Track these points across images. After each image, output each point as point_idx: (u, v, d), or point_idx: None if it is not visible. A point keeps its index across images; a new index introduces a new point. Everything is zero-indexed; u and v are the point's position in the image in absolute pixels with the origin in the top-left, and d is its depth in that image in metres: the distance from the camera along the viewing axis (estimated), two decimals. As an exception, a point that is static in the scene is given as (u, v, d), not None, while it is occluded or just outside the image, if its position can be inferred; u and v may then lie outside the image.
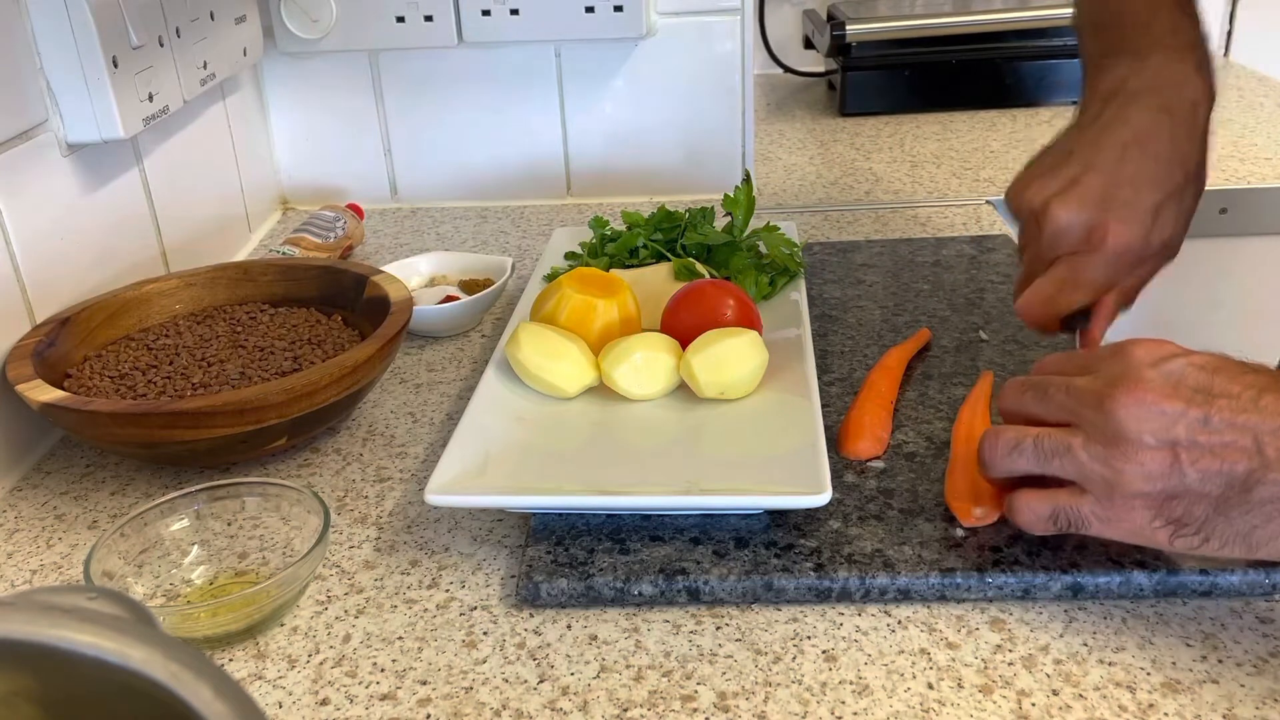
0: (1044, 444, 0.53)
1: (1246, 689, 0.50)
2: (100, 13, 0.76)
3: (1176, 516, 0.50)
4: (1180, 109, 0.66)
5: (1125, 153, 0.65)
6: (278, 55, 1.14)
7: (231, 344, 0.77)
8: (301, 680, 0.54)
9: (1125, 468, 0.50)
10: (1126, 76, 0.68)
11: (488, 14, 1.08)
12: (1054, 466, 0.53)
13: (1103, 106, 0.68)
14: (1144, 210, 0.65)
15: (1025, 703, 0.50)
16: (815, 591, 0.56)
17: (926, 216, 1.09)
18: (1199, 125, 0.67)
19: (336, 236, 1.02)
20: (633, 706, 0.51)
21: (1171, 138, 0.66)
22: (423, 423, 0.77)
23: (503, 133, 1.17)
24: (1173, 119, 0.66)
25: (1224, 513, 0.49)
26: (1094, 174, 0.66)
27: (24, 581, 0.62)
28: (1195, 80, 0.67)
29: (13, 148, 0.73)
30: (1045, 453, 0.53)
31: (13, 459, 0.73)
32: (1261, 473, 0.47)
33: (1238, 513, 0.49)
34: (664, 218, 0.90)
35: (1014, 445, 0.54)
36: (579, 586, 0.57)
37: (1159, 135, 0.66)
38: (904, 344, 0.77)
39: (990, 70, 1.45)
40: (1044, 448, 0.53)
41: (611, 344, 0.71)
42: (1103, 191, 0.65)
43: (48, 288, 0.77)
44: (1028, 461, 0.54)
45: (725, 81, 1.13)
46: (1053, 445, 0.53)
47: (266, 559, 0.61)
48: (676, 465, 0.64)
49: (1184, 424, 0.49)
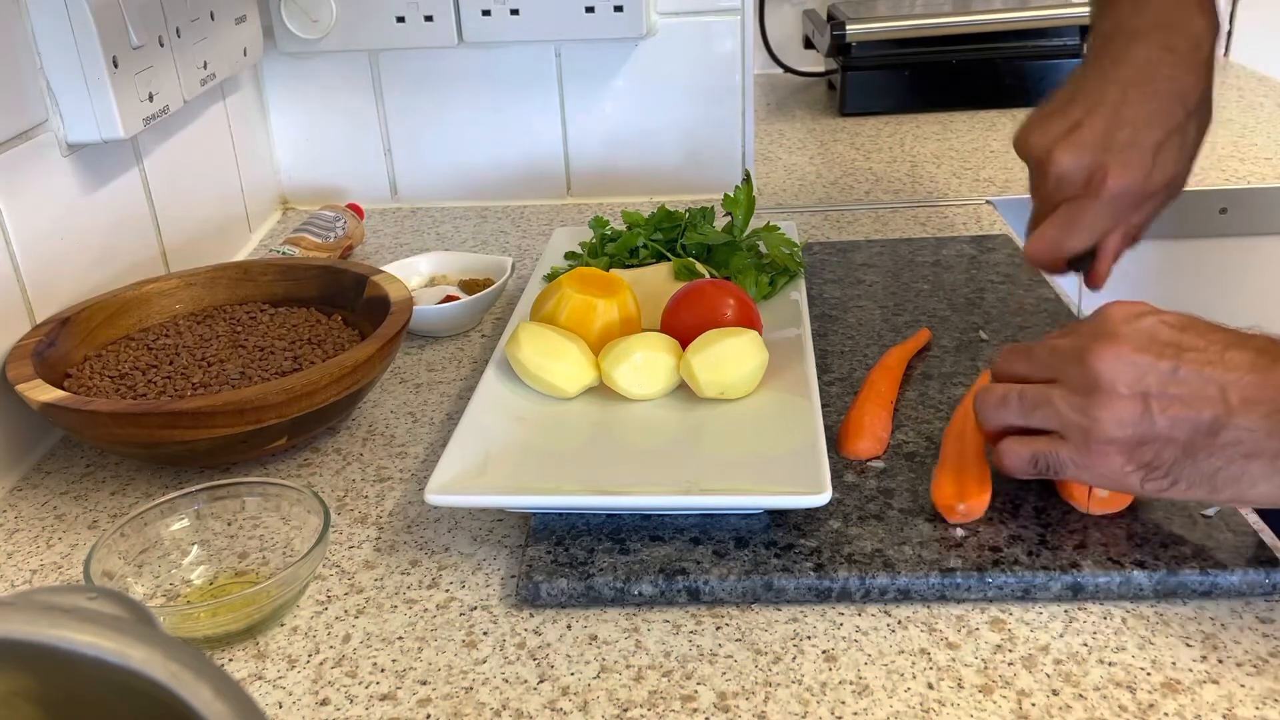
0: (1027, 396, 0.56)
1: (1246, 689, 0.50)
2: (100, 13, 0.76)
3: (1147, 461, 0.53)
4: (1181, 45, 0.67)
5: (1126, 93, 0.67)
6: (278, 55, 1.14)
7: (231, 344, 0.77)
8: (301, 680, 0.54)
9: (1100, 415, 0.53)
10: (1128, 15, 0.69)
11: (488, 14, 1.08)
12: (1036, 417, 0.56)
13: (1104, 46, 0.70)
14: (1145, 150, 0.67)
15: (1025, 703, 0.50)
16: (815, 591, 0.56)
17: (926, 216, 1.09)
18: (1201, 60, 0.68)
19: (336, 236, 1.02)
20: (633, 706, 0.51)
21: (1172, 74, 0.67)
22: (423, 423, 0.77)
23: (503, 133, 1.17)
24: (1174, 55, 0.67)
25: (1191, 456, 0.52)
26: (1095, 116, 0.67)
27: (24, 581, 0.62)
28: (1197, 17, 0.68)
29: (13, 148, 0.73)
30: (1028, 404, 0.56)
31: (13, 459, 0.73)
32: (1226, 418, 0.50)
33: (1203, 455, 0.51)
34: (664, 218, 0.90)
35: (1001, 399, 0.58)
36: (579, 586, 0.57)
37: (1160, 73, 0.67)
38: (904, 344, 0.78)
39: (990, 70, 1.45)
40: (1027, 400, 0.56)
41: (611, 344, 0.71)
42: (1103, 134, 0.67)
43: (48, 288, 0.77)
44: (1013, 413, 0.57)
45: (725, 81, 1.13)
46: (1035, 397, 0.56)
47: (266, 559, 0.61)
48: (676, 465, 0.64)
49: (1154, 375, 0.52)
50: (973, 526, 0.59)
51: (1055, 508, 0.60)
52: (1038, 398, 0.56)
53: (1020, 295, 0.87)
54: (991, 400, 0.58)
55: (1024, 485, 0.62)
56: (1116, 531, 0.58)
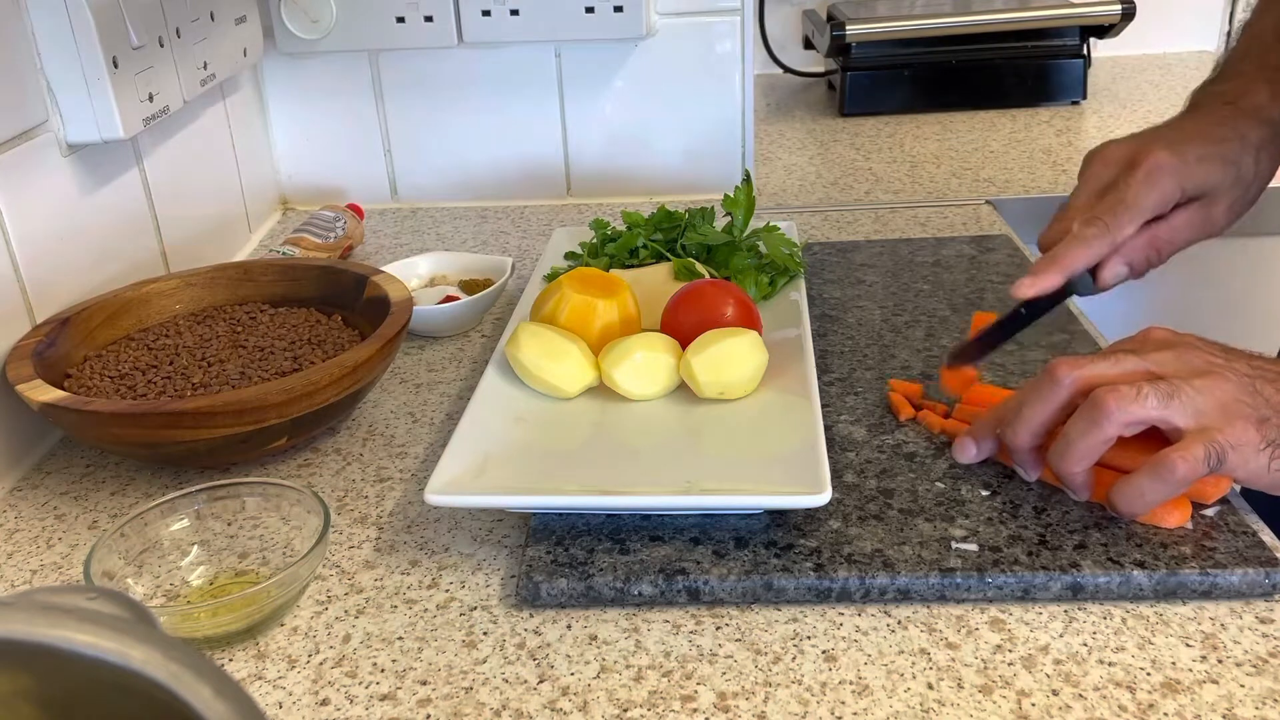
0: (1161, 387, 0.56)
1: (1246, 689, 0.50)
2: (100, 13, 0.76)
3: (1273, 439, 0.55)
4: (1244, 105, 0.72)
5: (1182, 122, 0.73)
6: (278, 55, 1.14)
7: (231, 344, 0.77)
8: (301, 680, 0.54)
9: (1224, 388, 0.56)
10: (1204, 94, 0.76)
11: (488, 14, 1.08)
12: (1174, 407, 0.56)
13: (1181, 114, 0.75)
14: (1187, 150, 0.70)
15: (1025, 703, 0.50)
16: (815, 591, 0.56)
17: (926, 216, 1.09)
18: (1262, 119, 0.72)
19: (336, 236, 1.02)
20: (633, 707, 0.51)
21: (1226, 118, 0.72)
22: (423, 423, 0.77)
23: (503, 133, 1.17)
24: (1236, 109, 0.72)
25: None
26: (1148, 130, 0.73)
27: (24, 581, 0.62)
28: (1262, 91, 0.73)
29: (13, 148, 0.73)
30: (1163, 394, 0.56)
31: (13, 459, 0.73)
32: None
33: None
34: (664, 218, 0.90)
35: (1138, 393, 0.56)
36: (579, 586, 0.57)
37: (1218, 116, 0.72)
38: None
39: (990, 70, 1.45)
40: (1161, 390, 0.56)
41: (611, 344, 0.71)
42: (1153, 136, 0.71)
43: (48, 288, 0.77)
44: (1152, 405, 0.56)
45: (725, 82, 1.13)
46: (1167, 388, 0.56)
47: (266, 559, 0.61)
48: (676, 465, 0.64)
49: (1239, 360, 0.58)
50: (973, 526, 0.59)
51: (1055, 508, 0.60)
52: (1170, 388, 0.56)
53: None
54: (1127, 395, 0.56)
55: (1024, 485, 0.62)
56: (1116, 531, 0.58)
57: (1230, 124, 0.72)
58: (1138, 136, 0.72)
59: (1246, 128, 0.71)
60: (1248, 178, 0.71)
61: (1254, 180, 0.72)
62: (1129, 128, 1.34)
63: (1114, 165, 0.71)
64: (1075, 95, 1.45)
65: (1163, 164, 0.68)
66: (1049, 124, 1.38)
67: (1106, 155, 0.72)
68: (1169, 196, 0.69)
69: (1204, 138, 0.71)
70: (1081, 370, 0.59)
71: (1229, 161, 0.70)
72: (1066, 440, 0.58)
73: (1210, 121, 0.72)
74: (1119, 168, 0.70)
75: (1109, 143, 0.73)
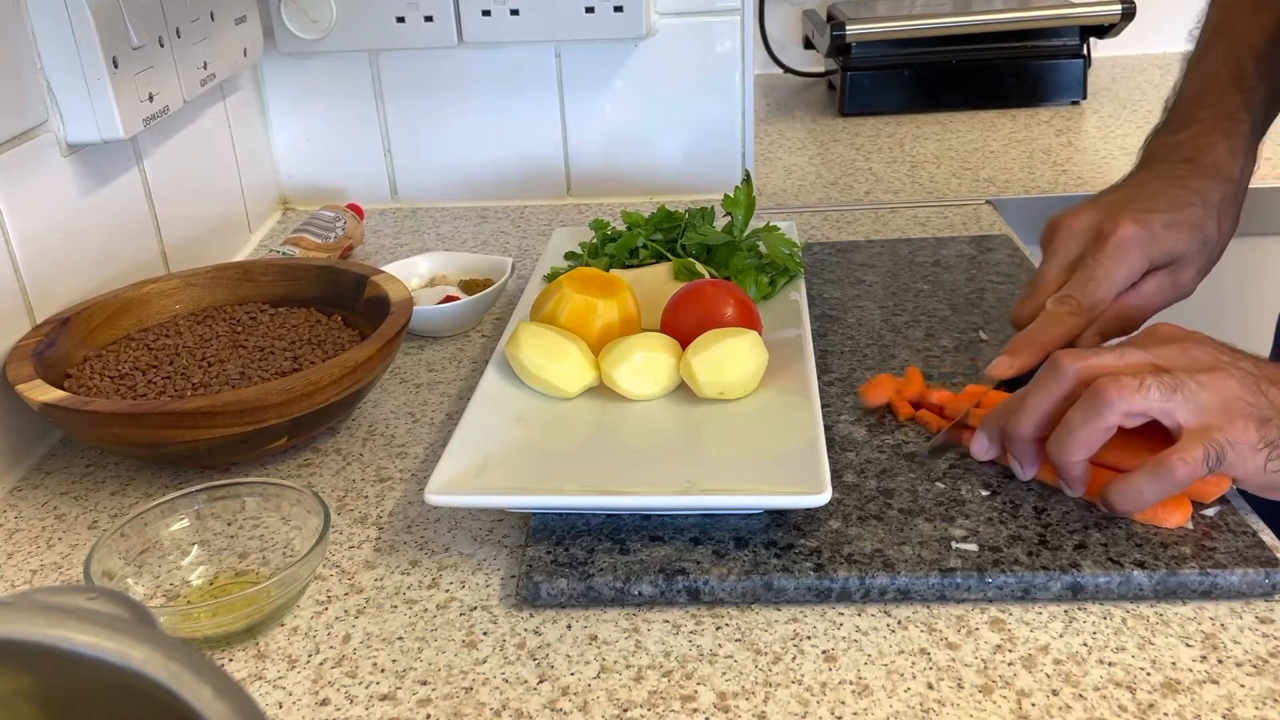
0: (1165, 381, 0.56)
1: (1246, 689, 0.50)
2: (100, 13, 0.76)
3: (1271, 440, 0.55)
4: (1205, 162, 0.72)
5: (1144, 185, 0.73)
6: (278, 55, 1.14)
7: (231, 344, 0.77)
8: (301, 680, 0.54)
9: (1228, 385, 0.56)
10: (1160, 144, 0.76)
11: (488, 14, 1.08)
12: (1176, 401, 0.56)
13: (1137, 168, 0.76)
14: (1153, 219, 0.70)
15: (1025, 703, 0.50)
16: (815, 591, 0.56)
17: (926, 216, 1.09)
18: (1223, 176, 0.72)
19: (336, 236, 1.02)
20: (633, 707, 0.51)
21: (1187, 178, 0.72)
22: (423, 423, 0.77)
23: (503, 133, 1.17)
24: (1196, 167, 0.72)
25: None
26: (1111, 194, 0.73)
27: (24, 581, 0.62)
28: (1221, 147, 0.73)
29: (13, 148, 0.73)
30: (1167, 388, 0.56)
31: (13, 459, 0.73)
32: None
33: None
34: (664, 218, 0.90)
35: (1141, 384, 0.56)
36: (579, 586, 0.57)
37: (1178, 176, 0.72)
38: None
39: (990, 70, 1.45)
40: (1165, 384, 0.56)
41: (611, 344, 0.71)
42: (1116, 204, 0.71)
43: (48, 288, 0.77)
44: (1154, 397, 0.56)
45: (725, 81, 1.13)
46: (1171, 381, 0.56)
47: (266, 559, 0.61)
48: (676, 465, 0.64)
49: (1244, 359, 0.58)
50: (973, 526, 0.59)
51: (1055, 508, 0.60)
52: (1174, 382, 0.56)
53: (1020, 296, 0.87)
54: (1129, 386, 0.56)
55: (1024, 485, 0.62)
56: (1116, 531, 0.58)
57: (1192, 185, 0.71)
58: (1101, 204, 0.72)
59: (1207, 189, 0.71)
60: (1212, 240, 0.72)
61: (1217, 242, 0.72)
62: (1129, 128, 1.35)
63: (1080, 237, 0.71)
64: (1075, 95, 1.45)
65: (1129, 237, 0.69)
66: (1049, 124, 1.38)
67: (1071, 227, 0.72)
68: (1137, 269, 0.70)
69: (1167, 203, 0.70)
70: (1086, 361, 0.59)
71: (1194, 226, 0.70)
72: (1067, 429, 0.58)
73: (1169, 181, 0.72)
74: (1085, 240, 0.71)
75: (1073, 211, 0.72)
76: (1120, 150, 1.27)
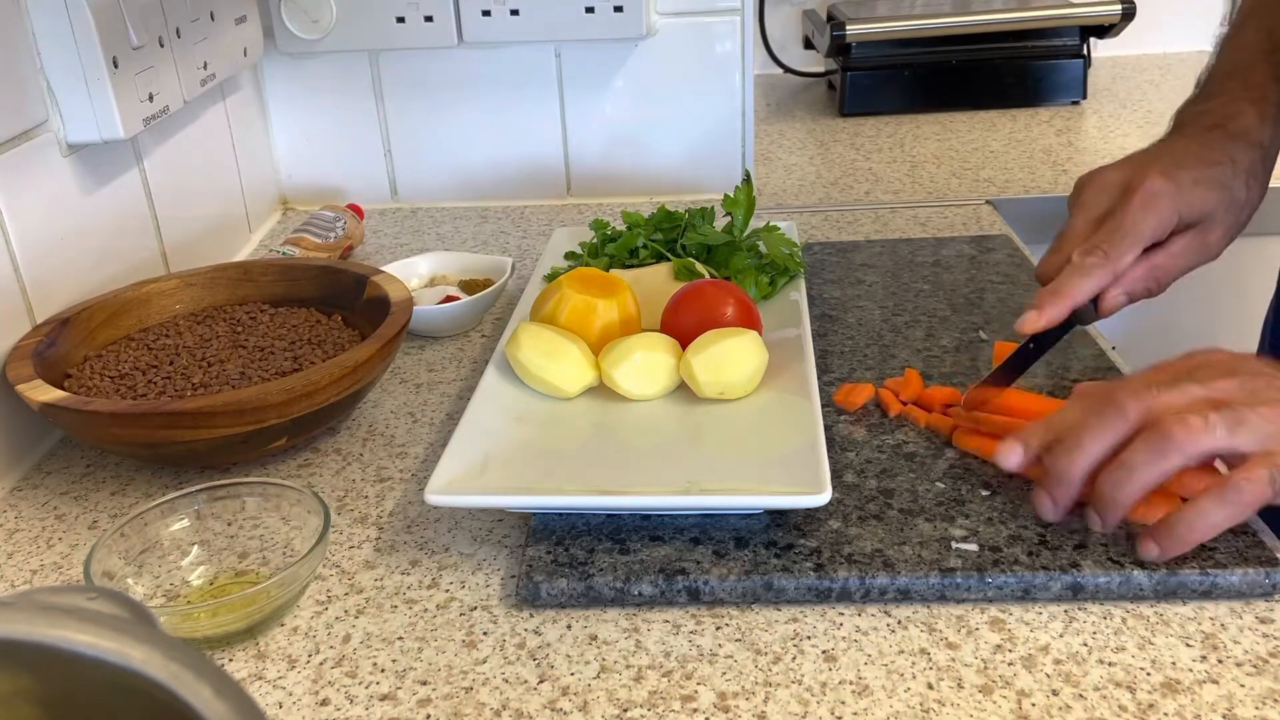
0: (1226, 416, 0.54)
1: (1246, 689, 0.50)
2: (100, 13, 0.76)
3: None
4: (1233, 127, 0.72)
5: (1172, 142, 0.73)
6: (278, 55, 1.14)
7: (231, 344, 0.77)
8: (301, 680, 0.54)
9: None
10: (1190, 112, 0.76)
11: (488, 14, 1.08)
12: (1241, 434, 0.53)
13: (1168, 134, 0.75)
14: (1182, 174, 0.69)
15: (1025, 703, 0.50)
16: (815, 591, 0.56)
17: (926, 216, 1.09)
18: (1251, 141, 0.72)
19: (336, 236, 1.02)
20: (633, 707, 0.51)
21: (1216, 141, 0.71)
22: (423, 423, 0.77)
23: (503, 133, 1.16)
24: (1225, 132, 0.72)
25: None
26: (1139, 154, 0.72)
27: (24, 581, 0.62)
28: (1250, 113, 0.72)
29: (13, 148, 0.73)
30: (1230, 423, 0.53)
31: (13, 459, 0.73)
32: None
33: None
34: (664, 218, 0.90)
35: (1205, 423, 0.53)
36: (579, 586, 0.57)
37: (1207, 138, 0.72)
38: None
39: (990, 70, 1.45)
40: (1228, 418, 0.53)
41: (611, 344, 0.71)
42: (1144, 161, 0.71)
43: (48, 288, 0.77)
44: (1218, 435, 0.53)
45: (725, 81, 1.13)
46: (1232, 415, 0.53)
47: (266, 559, 0.61)
48: (676, 465, 0.64)
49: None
50: (973, 526, 0.59)
51: (1055, 508, 0.60)
52: (1236, 416, 0.53)
53: (1020, 295, 0.87)
54: (1196, 426, 0.53)
55: (1024, 485, 0.62)
56: (1116, 531, 0.58)
57: (1220, 147, 0.71)
58: (1130, 161, 0.72)
59: (1236, 151, 0.71)
60: (1240, 201, 0.71)
61: (1245, 205, 0.72)
62: (1129, 128, 1.35)
63: (1109, 191, 0.70)
64: (1075, 95, 1.45)
65: (1159, 189, 0.68)
66: (1049, 124, 1.38)
67: (1100, 181, 0.71)
68: (1166, 222, 0.69)
69: (1196, 161, 0.70)
70: (1148, 402, 0.56)
71: (1223, 185, 0.70)
72: (1127, 468, 0.54)
73: (1200, 144, 0.72)
74: (1114, 194, 0.70)
75: (1102, 168, 0.72)
76: (1120, 150, 1.26)
